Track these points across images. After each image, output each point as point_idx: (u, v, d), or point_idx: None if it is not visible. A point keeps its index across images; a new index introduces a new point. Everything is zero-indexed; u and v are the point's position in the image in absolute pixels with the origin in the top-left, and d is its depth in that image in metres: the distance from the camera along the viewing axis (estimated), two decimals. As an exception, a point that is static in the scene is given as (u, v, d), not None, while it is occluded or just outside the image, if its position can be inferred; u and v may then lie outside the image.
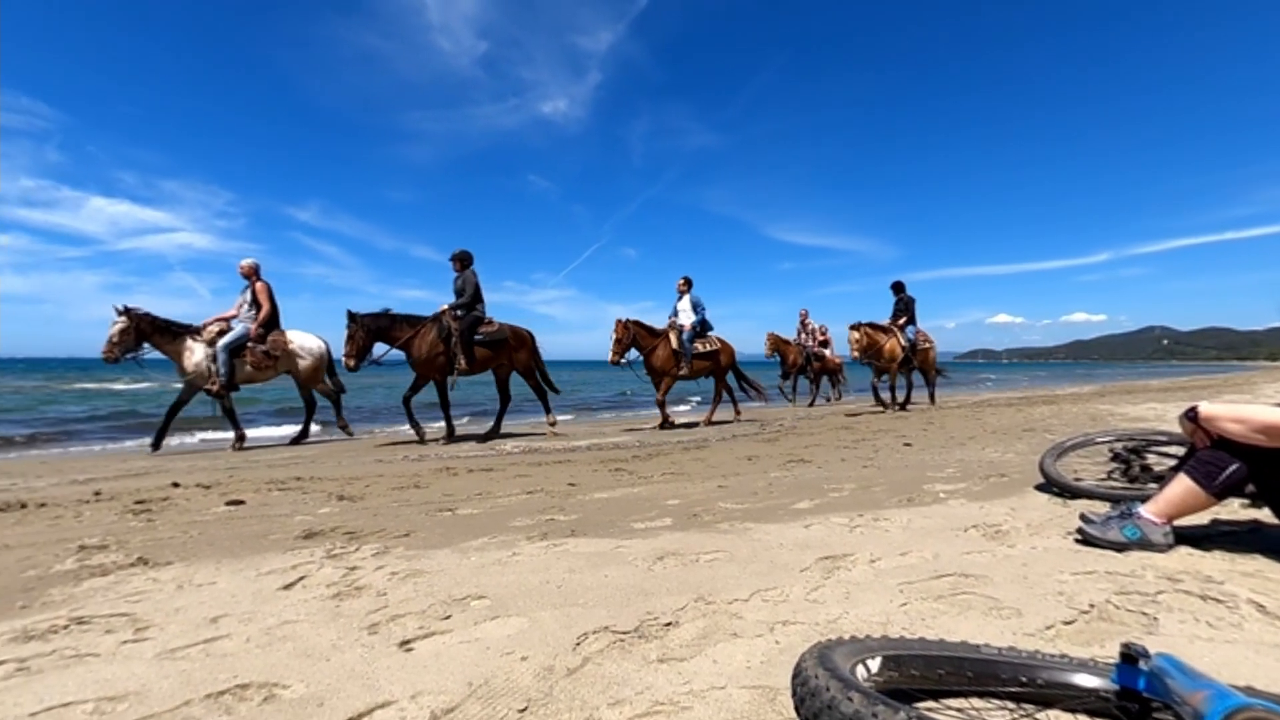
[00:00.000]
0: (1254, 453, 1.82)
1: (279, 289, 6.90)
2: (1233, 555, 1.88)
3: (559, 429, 7.75)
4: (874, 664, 1.01)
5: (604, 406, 14.31)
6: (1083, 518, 2.07)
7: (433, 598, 1.70)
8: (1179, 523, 1.97)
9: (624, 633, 1.44)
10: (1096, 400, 10.39)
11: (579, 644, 1.39)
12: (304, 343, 7.07)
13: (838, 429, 6.97)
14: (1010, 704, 1.02)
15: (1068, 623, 1.44)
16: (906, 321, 9.96)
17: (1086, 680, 1.01)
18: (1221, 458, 1.87)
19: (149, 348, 6.48)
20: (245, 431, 6.69)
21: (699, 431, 7.33)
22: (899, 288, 10.22)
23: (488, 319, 6.96)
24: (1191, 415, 1.96)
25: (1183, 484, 1.92)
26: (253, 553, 2.20)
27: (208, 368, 6.39)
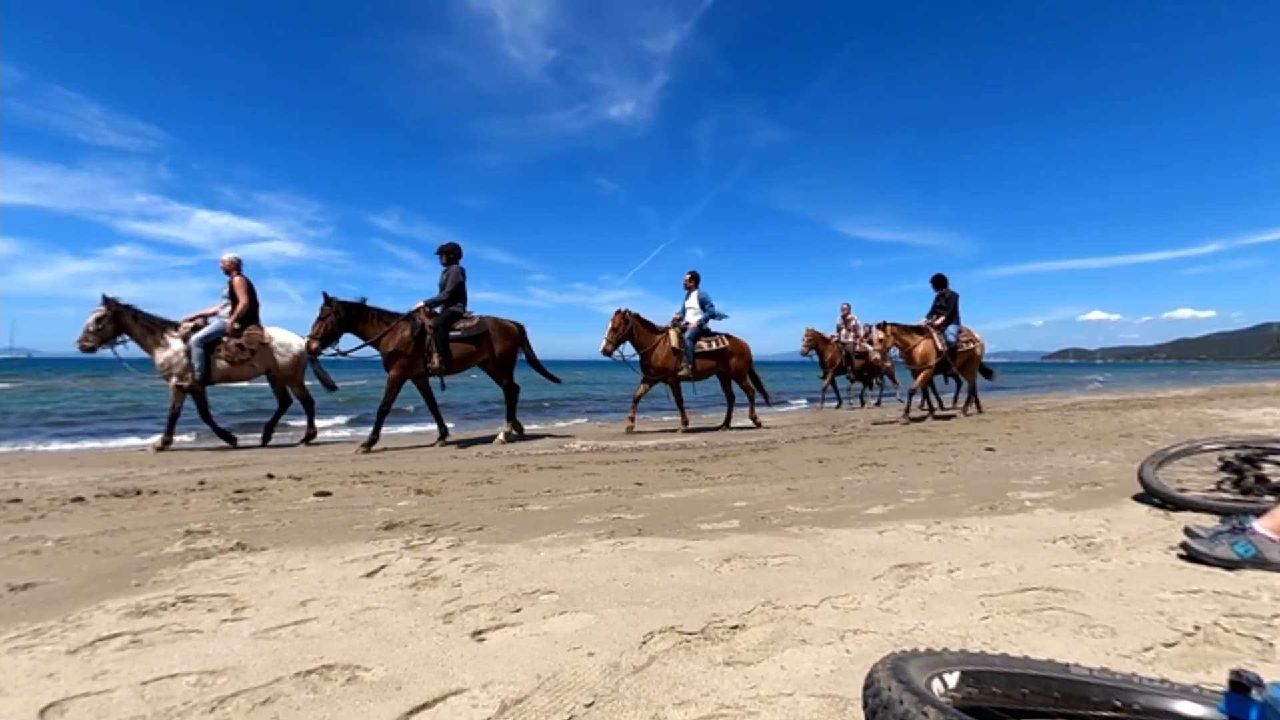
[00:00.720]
0: None
1: (363, 294, 6.83)
2: (1370, 579, 1.69)
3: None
4: (951, 679, 0.96)
5: (655, 409, 13.80)
6: (1188, 531, 1.94)
7: (504, 590, 1.76)
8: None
9: (690, 633, 1.44)
10: (1204, 404, 9.49)
11: (645, 642, 1.40)
12: (283, 339, 6.94)
13: (914, 432, 6.71)
14: None
15: (1169, 645, 1.34)
16: (946, 320, 8.71)
17: (1189, 708, 0.93)
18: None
19: (127, 340, 6.49)
20: (174, 438, 6.44)
21: (768, 433, 7.21)
22: (940, 282, 8.94)
23: (467, 313, 6.73)
24: None
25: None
26: (338, 541, 2.34)
27: (180, 362, 6.39)
